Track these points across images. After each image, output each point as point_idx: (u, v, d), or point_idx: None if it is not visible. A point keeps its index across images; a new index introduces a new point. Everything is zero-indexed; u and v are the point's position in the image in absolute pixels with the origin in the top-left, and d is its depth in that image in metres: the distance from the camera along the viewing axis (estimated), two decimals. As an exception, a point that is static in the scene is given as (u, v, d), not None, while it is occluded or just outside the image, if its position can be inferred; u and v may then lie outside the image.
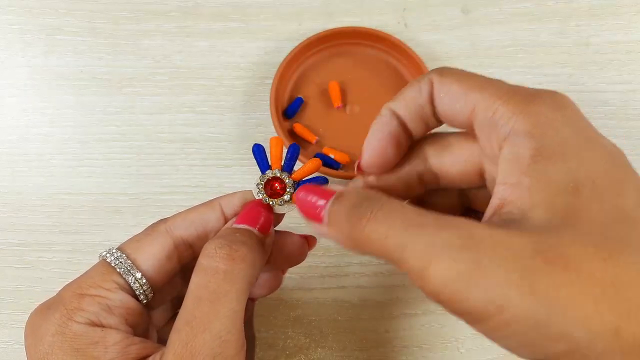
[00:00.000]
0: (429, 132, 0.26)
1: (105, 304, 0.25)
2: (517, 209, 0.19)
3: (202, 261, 0.24)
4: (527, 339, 0.17)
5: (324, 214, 0.22)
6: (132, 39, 0.45)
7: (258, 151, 0.29)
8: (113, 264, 0.26)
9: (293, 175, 0.29)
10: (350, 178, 0.37)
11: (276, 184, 0.29)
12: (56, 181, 0.41)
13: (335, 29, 0.43)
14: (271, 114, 0.40)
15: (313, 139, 0.41)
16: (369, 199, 0.21)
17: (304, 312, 0.38)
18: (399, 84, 0.44)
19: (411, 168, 0.26)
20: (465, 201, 0.27)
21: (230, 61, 0.45)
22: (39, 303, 0.25)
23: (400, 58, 0.44)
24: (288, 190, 0.28)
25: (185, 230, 0.28)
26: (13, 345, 0.37)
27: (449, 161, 0.25)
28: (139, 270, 0.26)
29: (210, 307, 0.23)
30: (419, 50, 0.43)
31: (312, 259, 0.39)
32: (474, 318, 0.18)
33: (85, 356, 0.23)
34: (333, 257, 0.39)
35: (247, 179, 0.42)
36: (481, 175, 0.25)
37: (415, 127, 0.25)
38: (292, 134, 0.42)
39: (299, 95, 0.43)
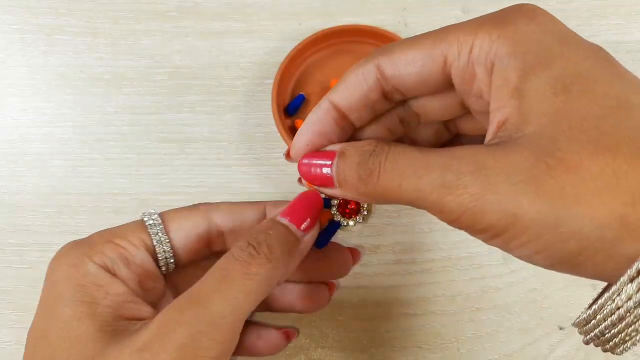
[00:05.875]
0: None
1: (125, 256, 0.26)
2: (512, 126, 0.19)
3: (231, 250, 0.24)
4: (541, 243, 0.18)
5: (333, 176, 0.23)
6: (131, 39, 0.45)
7: None
8: (147, 224, 0.27)
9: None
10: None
11: (352, 205, 0.30)
12: (56, 181, 0.41)
13: (337, 26, 0.43)
14: (272, 110, 0.40)
15: (313, 138, 0.41)
16: (373, 154, 0.21)
17: (304, 312, 0.38)
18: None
19: (392, 114, 0.25)
20: (452, 128, 0.27)
21: (230, 61, 0.45)
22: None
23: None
24: (363, 210, 0.29)
25: (222, 219, 0.28)
26: (13, 345, 0.37)
27: (429, 102, 0.24)
28: (168, 236, 0.27)
29: (216, 285, 0.23)
30: (419, 50, 0.43)
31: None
32: (495, 232, 0.19)
33: (86, 294, 0.24)
34: (333, 257, 0.39)
35: (247, 179, 0.41)
36: (462, 105, 0.24)
37: (360, 116, 0.24)
38: (293, 130, 0.42)
39: (301, 92, 0.43)
